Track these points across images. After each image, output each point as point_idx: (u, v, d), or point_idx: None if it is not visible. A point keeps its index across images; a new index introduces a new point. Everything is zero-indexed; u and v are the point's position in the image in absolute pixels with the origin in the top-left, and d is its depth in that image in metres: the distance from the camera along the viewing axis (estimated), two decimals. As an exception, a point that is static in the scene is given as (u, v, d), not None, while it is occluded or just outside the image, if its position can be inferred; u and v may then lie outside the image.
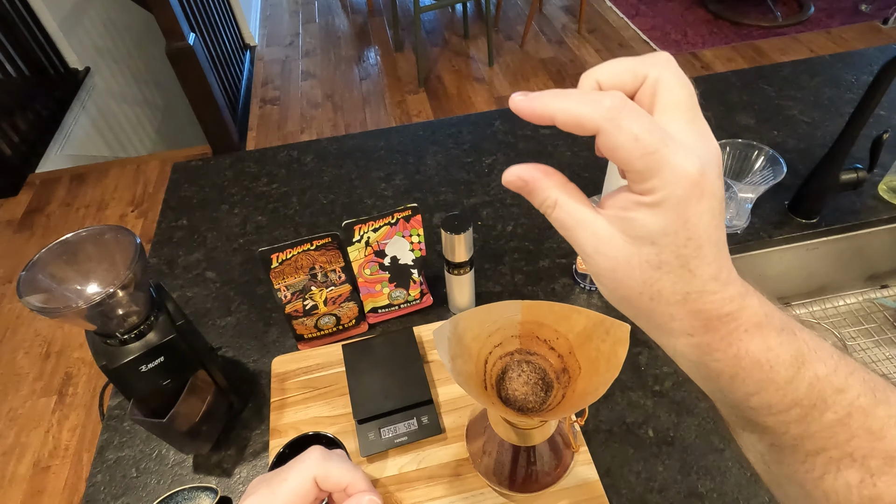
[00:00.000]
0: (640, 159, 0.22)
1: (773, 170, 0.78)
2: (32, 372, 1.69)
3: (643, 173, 0.22)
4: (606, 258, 0.25)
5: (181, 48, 2.06)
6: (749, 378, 0.25)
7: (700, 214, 0.23)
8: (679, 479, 0.60)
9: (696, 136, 0.23)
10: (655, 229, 0.23)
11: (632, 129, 0.22)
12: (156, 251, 0.90)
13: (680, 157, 0.22)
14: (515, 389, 0.50)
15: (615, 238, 0.24)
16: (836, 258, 0.89)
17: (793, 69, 1.15)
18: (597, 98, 0.22)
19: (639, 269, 0.24)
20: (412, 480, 0.60)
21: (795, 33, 2.90)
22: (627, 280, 0.25)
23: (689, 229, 0.23)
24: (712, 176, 0.23)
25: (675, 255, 0.23)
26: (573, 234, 0.26)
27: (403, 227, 0.69)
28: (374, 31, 3.33)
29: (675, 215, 0.23)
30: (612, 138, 0.22)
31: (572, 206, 0.25)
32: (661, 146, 0.22)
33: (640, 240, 0.24)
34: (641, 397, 0.67)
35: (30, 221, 2.20)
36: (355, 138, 1.09)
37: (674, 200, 0.22)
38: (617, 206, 0.24)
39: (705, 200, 0.23)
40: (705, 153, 0.23)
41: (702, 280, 0.24)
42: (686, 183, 0.22)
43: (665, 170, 0.22)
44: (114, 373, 0.55)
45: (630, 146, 0.22)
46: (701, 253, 0.23)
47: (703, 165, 0.22)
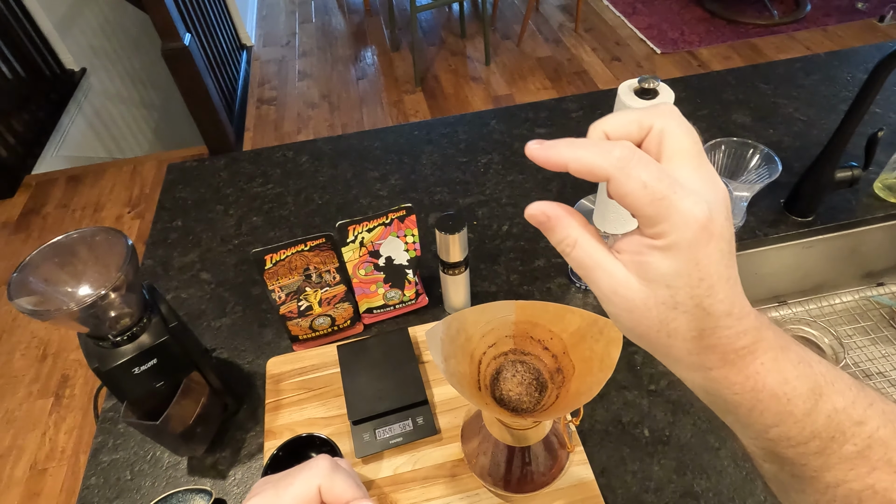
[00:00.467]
0: (649, 205, 0.23)
1: (769, 168, 0.78)
2: (29, 374, 1.69)
3: (653, 218, 0.23)
4: (624, 300, 0.26)
5: (177, 49, 2.05)
6: (767, 411, 0.26)
7: (710, 256, 0.24)
8: (675, 479, 0.60)
9: (703, 182, 0.24)
10: (669, 272, 0.24)
11: (641, 176, 0.23)
12: (150, 252, 0.90)
13: (688, 202, 0.23)
14: (510, 390, 0.50)
15: (631, 281, 0.25)
16: (832, 256, 0.89)
17: (788, 67, 1.15)
18: (607, 148, 0.24)
19: (655, 309, 0.25)
20: (407, 481, 0.60)
21: (792, 31, 2.90)
22: (644, 320, 0.25)
23: (700, 270, 0.24)
24: (720, 219, 0.24)
25: (689, 295, 0.24)
26: (591, 274, 0.26)
27: (398, 228, 0.68)
28: (370, 30, 3.33)
29: (687, 258, 0.24)
30: (623, 186, 0.23)
31: (592, 246, 0.26)
32: (670, 192, 0.23)
33: (655, 283, 0.25)
34: (637, 396, 0.67)
35: (26, 223, 2.20)
36: (351, 138, 1.09)
37: (684, 244, 0.23)
38: (631, 250, 0.25)
39: (714, 242, 0.24)
40: (713, 197, 0.24)
41: (716, 317, 0.24)
42: (695, 227, 0.23)
43: (674, 215, 0.23)
44: (106, 375, 0.55)
45: (639, 193, 0.23)
46: (713, 292, 0.24)
47: (710, 210, 0.23)
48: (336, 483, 0.34)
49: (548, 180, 0.94)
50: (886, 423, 0.26)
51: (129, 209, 2.22)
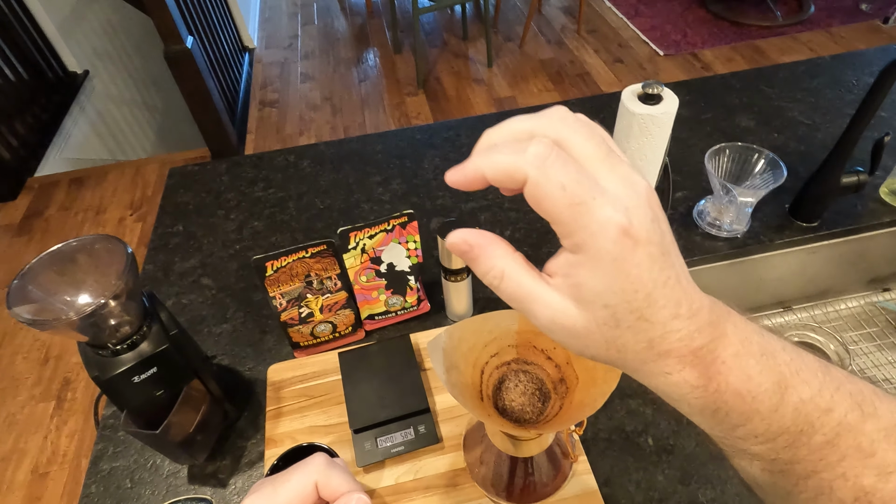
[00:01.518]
0: (567, 209, 0.21)
1: (774, 173, 0.77)
2: (31, 377, 1.69)
3: (570, 225, 0.22)
4: (564, 328, 0.24)
5: (179, 51, 2.06)
6: (732, 411, 0.25)
7: (640, 264, 0.22)
8: (679, 489, 0.59)
9: (620, 183, 0.22)
10: (602, 290, 0.23)
11: (559, 177, 0.21)
12: (151, 258, 0.89)
13: (607, 210, 0.21)
14: (512, 400, 0.50)
15: (569, 307, 0.24)
16: (838, 262, 0.88)
17: (792, 70, 1.15)
18: (522, 146, 0.22)
19: (598, 331, 0.24)
20: (409, 491, 0.60)
21: (795, 33, 2.89)
22: (591, 343, 0.24)
23: (633, 282, 0.22)
24: (644, 221, 0.22)
25: (628, 310, 0.23)
26: (525, 307, 0.25)
27: (399, 234, 0.68)
28: (372, 32, 3.33)
29: (615, 270, 0.22)
30: (540, 188, 0.21)
31: (521, 276, 0.24)
32: (589, 198, 0.21)
33: (592, 304, 0.23)
34: (641, 405, 0.66)
35: (29, 226, 2.20)
36: (353, 142, 1.08)
37: (608, 256, 0.22)
38: (561, 272, 0.24)
39: (641, 248, 0.22)
40: (632, 200, 0.22)
41: (661, 323, 0.23)
42: (615, 234, 0.22)
43: (591, 224, 0.21)
44: (106, 384, 0.54)
45: (557, 196, 0.21)
46: (651, 300, 0.23)
47: (629, 214, 0.22)
48: (332, 478, 0.35)
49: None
50: (854, 406, 0.25)
51: (131, 212, 2.22)
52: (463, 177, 0.23)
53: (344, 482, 0.35)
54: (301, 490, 0.34)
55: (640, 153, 0.70)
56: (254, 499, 0.34)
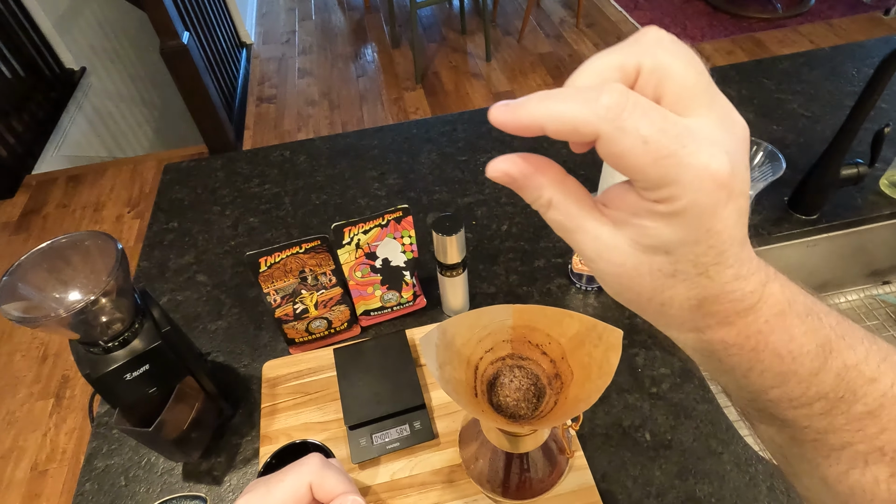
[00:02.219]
0: (652, 166, 0.18)
1: (772, 166, 0.76)
2: (30, 375, 1.68)
3: (657, 181, 0.19)
4: (611, 264, 0.22)
5: (175, 47, 2.04)
6: (768, 371, 0.23)
7: (726, 219, 0.20)
8: (677, 484, 0.59)
9: (720, 123, 0.19)
10: (672, 240, 0.20)
11: (639, 129, 0.18)
12: (146, 254, 0.89)
13: (704, 156, 0.18)
14: (507, 395, 0.49)
15: (621, 244, 0.21)
16: (837, 255, 0.87)
17: (792, 62, 1.14)
18: (592, 95, 0.18)
19: (649, 276, 0.21)
20: (404, 487, 0.59)
21: (796, 25, 2.87)
22: (635, 286, 0.22)
23: (711, 237, 0.20)
24: (741, 170, 0.19)
25: (692, 263, 0.20)
26: (572, 237, 0.23)
27: (394, 229, 0.67)
28: (370, 27, 3.31)
29: (698, 224, 0.19)
30: (617, 143, 0.18)
31: (570, 206, 0.22)
32: (679, 147, 0.18)
33: (653, 248, 0.21)
34: (638, 400, 0.65)
35: (26, 223, 2.19)
36: (349, 137, 1.07)
37: (697, 210, 0.19)
38: (624, 209, 0.21)
39: (733, 201, 0.19)
40: (733, 144, 0.19)
41: (721, 283, 0.21)
42: (712, 187, 0.19)
43: (685, 175, 0.18)
44: (98, 382, 0.54)
45: (639, 151, 0.18)
46: (723, 258, 0.20)
47: (732, 162, 0.19)
48: (326, 479, 0.34)
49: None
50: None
51: (129, 209, 2.21)
52: (514, 120, 0.20)
53: (339, 483, 0.35)
54: (295, 490, 0.34)
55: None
56: (247, 499, 0.34)
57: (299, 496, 0.34)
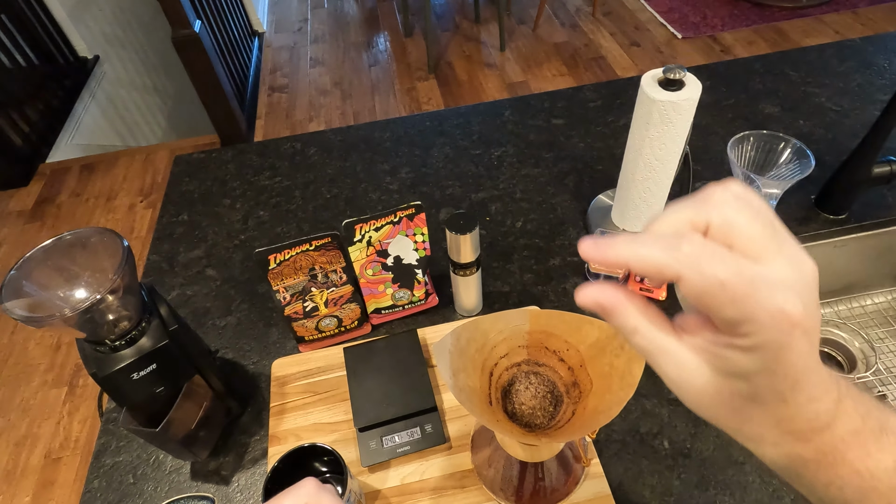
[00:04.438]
0: (730, 306, 0.21)
1: (801, 163, 0.73)
2: (44, 363, 1.70)
3: (735, 320, 0.21)
4: (693, 386, 0.24)
5: (187, 36, 2.03)
6: (848, 487, 0.24)
7: (800, 352, 0.21)
8: (696, 494, 0.57)
9: (789, 266, 0.22)
10: (751, 369, 0.22)
11: (717, 274, 0.21)
12: (156, 247, 0.88)
13: (778, 299, 0.21)
14: (522, 403, 0.47)
15: (702, 369, 0.23)
16: (865, 255, 0.84)
17: (820, 53, 1.09)
18: (674, 244, 0.21)
19: (729, 398, 0.23)
20: (414, 492, 0.58)
21: (820, 14, 2.79)
22: (715, 406, 0.24)
23: (787, 368, 0.22)
24: (812, 309, 0.21)
25: (770, 390, 0.22)
26: (655, 361, 0.25)
27: (407, 226, 0.65)
28: (383, 15, 3.27)
29: (774, 357, 0.21)
30: (696, 286, 0.21)
31: (654, 333, 0.24)
32: (752, 290, 0.20)
33: (733, 375, 0.23)
34: (656, 406, 0.63)
35: (41, 212, 2.21)
36: (361, 129, 1.05)
37: (774, 346, 0.21)
38: (704, 338, 0.23)
39: (805, 337, 0.21)
40: (802, 284, 0.21)
41: (797, 405, 0.23)
42: (786, 326, 0.21)
43: (761, 315, 0.21)
44: (105, 381, 0.53)
45: (717, 293, 0.21)
46: (798, 386, 0.22)
47: (804, 304, 0.21)
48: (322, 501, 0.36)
49: (564, 174, 0.90)
50: None
51: (141, 198, 2.22)
52: (602, 257, 0.23)
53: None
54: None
55: (660, 142, 0.67)
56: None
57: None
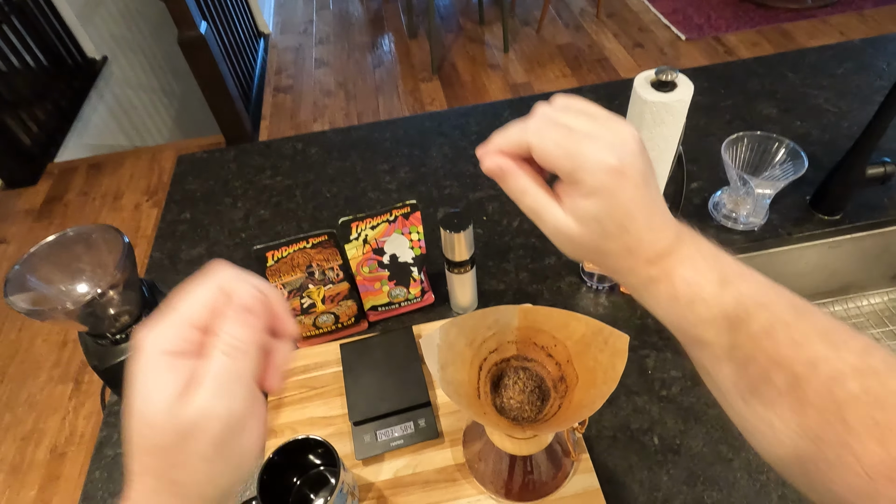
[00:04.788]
0: (565, 160, 0.29)
1: (794, 164, 0.74)
2: (50, 359, 1.72)
3: (571, 172, 0.29)
4: (565, 235, 0.32)
5: (193, 37, 2.05)
6: (682, 295, 0.30)
7: (626, 192, 0.29)
8: (685, 490, 0.58)
9: (608, 131, 0.29)
10: (595, 212, 0.30)
11: (553, 138, 0.29)
12: (159, 245, 0.89)
13: (596, 151, 0.28)
14: (511, 397, 0.49)
15: (569, 222, 0.31)
16: (861, 256, 0.84)
17: (820, 55, 1.10)
18: (525, 124, 0.30)
19: (589, 238, 0.31)
20: (407, 485, 0.59)
21: (825, 16, 2.78)
22: (582, 247, 0.32)
23: (620, 205, 0.29)
24: (628, 158, 0.29)
25: (614, 224, 0.30)
26: (537, 216, 0.32)
27: (402, 225, 0.66)
28: (388, 17, 3.29)
29: (607, 199, 0.29)
30: (541, 149, 0.29)
31: (539, 195, 0.32)
32: (578, 145, 0.28)
33: (587, 220, 0.30)
34: (647, 402, 0.64)
35: (49, 210, 2.24)
36: (361, 129, 1.07)
37: (603, 189, 0.29)
38: (566, 197, 0.31)
39: (628, 180, 0.29)
40: (619, 143, 0.29)
41: (637, 234, 0.30)
42: (605, 171, 0.28)
43: (586, 164, 0.28)
44: (106, 373, 0.55)
45: (554, 150, 0.29)
46: (632, 217, 0.30)
47: (616, 154, 0.28)
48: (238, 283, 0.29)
49: (561, 174, 0.91)
50: (790, 308, 0.29)
51: (147, 198, 2.24)
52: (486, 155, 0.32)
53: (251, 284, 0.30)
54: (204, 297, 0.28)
55: (653, 142, 0.68)
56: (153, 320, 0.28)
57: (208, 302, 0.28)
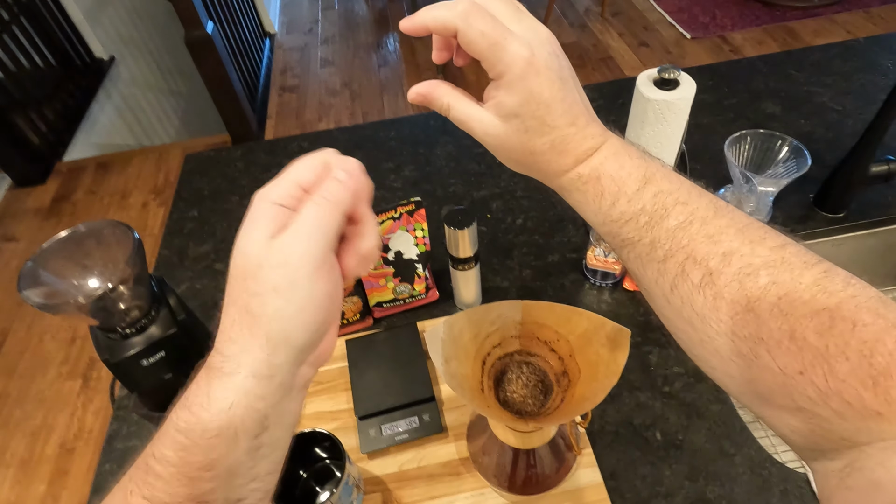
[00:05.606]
0: (488, 49, 0.30)
1: (797, 162, 0.74)
2: (59, 356, 1.74)
3: (490, 60, 0.30)
4: (493, 137, 0.33)
5: (199, 37, 2.07)
6: (607, 191, 0.32)
7: (541, 84, 0.30)
8: (686, 485, 0.58)
9: (526, 28, 0.31)
10: (514, 105, 0.31)
11: (479, 26, 0.29)
12: (167, 242, 0.91)
13: (514, 45, 0.30)
14: (514, 391, 0.49)
15: (495, 121, 0.32)
16: (864, 255, 0.84)
17: (825, 53, 1.09)
18: (454, 4, 0.30)
19: (515, 136, 0.32)
20: (412, 478, 0.60)
21: (832, 14, 2.77)
22: (512, 148, 0.33)
23: (535, 97, 0.30)
24: (543, 54, 0.30)
25: (533, 118, 0.31)
26: (467, 125, 0.34)
27: (407, 222, 0.67)
28: (393, 17, 3.30)
29: (522, 89, 0.30)
30: (466, 35, 0.30)
31: (463, 104, 0.34)
32: (501, 39, 0.29)
33: (508, 116, 0.32)
34: (650, 398, 0.65)
35: (57, 209, 2.26)
36: (367, 128, 1.08)
37: (517, 80, 0.30)
38: (489, 96, 0.32)
39: (542, 73, 0.30)
40: (534, 39, 0.31)
41: (560, 128, 0.31)
42: (521, 64, 0.30)
43: (505, 57, 0.30)
44: (116, 367, 0.55)
45: (479, 40, 0.29)
46: (551, 110, 0.31)
47: (531, 49, 0.30)
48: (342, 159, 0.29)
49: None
50: (710, 207, 0.30)
51: (154, 196, 2.26)
52: (412, 25, 0.31)
53: None
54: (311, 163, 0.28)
55: (656, 139, 0.68)
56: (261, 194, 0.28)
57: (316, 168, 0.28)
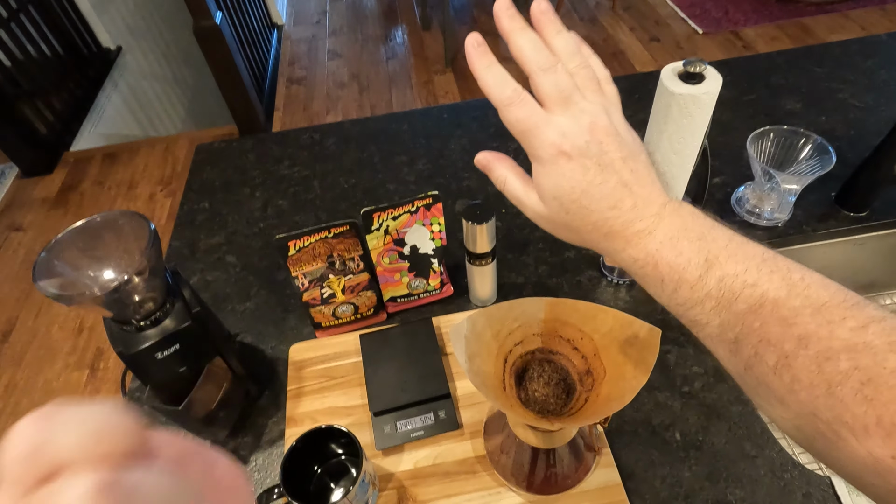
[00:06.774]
0: (521, 134, 0.33)
1: (821, 159, 0.72)
2: (66, 346, 1.74)
3: (525, 146, 0.33)
4: (539, 216, 0.36)
5: (208, 27, 2.05)
6: (667, 279, 0.32)
7: (574, 170, 0.32)
8: (707, 486, 0.57)
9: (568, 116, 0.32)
10: (550, 187, 0.33)
11: (517, 115, 0.33)
12: (178, 234, 0.90)
13: (547, 132, 0.32)
14: (536, 390, 0.48)
15: (538, 203, 0.35)
16: (886, 254, 0.83)
17: (844, 49, 1.08)
18: (504, 85, 0.33)
19: (558, 217, 0.34)
20: (427, 476, 0.59)
21: (846, 10, 2.73)
22: (557, 226, 0.35)
23: (570, 182, 0.32)
24: (578, 142, 0.32)
25: (570, 200, 0.33)
26: (519, 202, 0.37)
27: (424, 216, 0.66)
28: (401, 9, 3.27)
29: (556, 175, 0.33)
30: (505, 118, 0.33)
31: (517, 183, 0.37)
32: (534, 127, 0.32)
33: (548, 199, 0.34)
34: (669, 398, 0.64)
35: (64, 199, 2.25)
36: (379, 121, 1.06)
37: (550, 166, 0.32)
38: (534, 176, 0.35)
39: (575, 160, 0.32)
40: (572, 128, 0.32)
41: (599, 212, 0.33)
42: (552, 150, 0.32)
43: (537, 144, 0.32)
44: (130, 359, 0.55)
45: (514, 126, 0.33)
46: (587, 194, 0.32)
47: (565, 139, 0.32)
48: None
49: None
50: (783, 287, 0.29)
51: (161, 187, 2.25)
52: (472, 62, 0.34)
53: None
54: None
55: (678, 135, 0.67)
56: None
57: None
